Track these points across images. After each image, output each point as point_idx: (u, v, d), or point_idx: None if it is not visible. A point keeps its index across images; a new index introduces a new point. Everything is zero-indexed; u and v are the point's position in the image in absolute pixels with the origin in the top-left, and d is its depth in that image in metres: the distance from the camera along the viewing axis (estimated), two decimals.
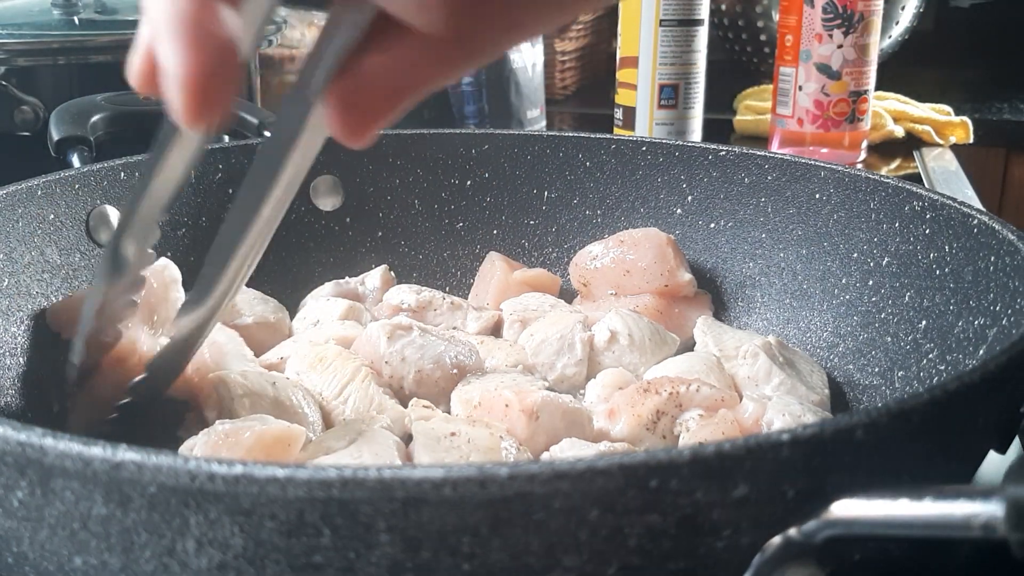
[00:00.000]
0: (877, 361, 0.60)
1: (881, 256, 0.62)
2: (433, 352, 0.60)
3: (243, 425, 0.49)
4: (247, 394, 0.54)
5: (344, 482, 0.28)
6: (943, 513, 0.29)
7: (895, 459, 0.33)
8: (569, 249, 0.78)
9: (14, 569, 0.35)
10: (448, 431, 0.51)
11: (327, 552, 0.30)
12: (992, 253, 0.52)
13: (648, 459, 0.29)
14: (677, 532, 0.30)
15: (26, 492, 0.32)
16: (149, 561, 0.31)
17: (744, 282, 0.72)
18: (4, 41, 0.89)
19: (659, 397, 0.55)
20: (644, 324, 0.65)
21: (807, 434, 0.31)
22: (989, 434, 0.40)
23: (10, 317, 0.60)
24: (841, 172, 0.66)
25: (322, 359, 0.58)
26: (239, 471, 0.29)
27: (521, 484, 0.28)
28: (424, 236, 0.79)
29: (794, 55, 1.11)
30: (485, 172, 0.79)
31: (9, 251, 0.60)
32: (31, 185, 0.62)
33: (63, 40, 0.92)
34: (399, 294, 0.70)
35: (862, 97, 1.11)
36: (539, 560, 0.30)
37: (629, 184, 0.77)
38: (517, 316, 0.68)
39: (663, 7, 1.04)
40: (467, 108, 1.14)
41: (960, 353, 0.52)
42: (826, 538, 0.31)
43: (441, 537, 0.29)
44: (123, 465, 0.29)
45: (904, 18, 1.56)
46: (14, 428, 0.31)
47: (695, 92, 1.08)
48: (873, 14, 1.08)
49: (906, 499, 0.30)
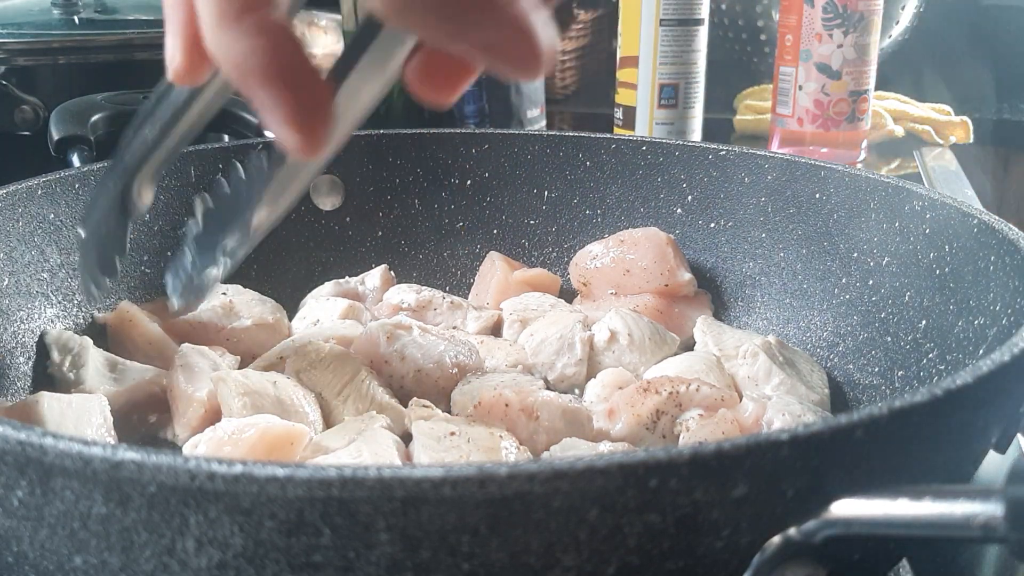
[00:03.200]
0: (877, 361, 0.60)
1: (881, 256, 0.62)
2: (433, 352, 0.60)
3: (247, 423, 0.49)
4: (247, 393, 0.54)
5: (344, 482, 0.28)
6: (943, 513, 0.29)
7: (895, 459, 0.33)
8: (569, 249, 0.78)
9: (14, 569, 0.35)
10: (448, 431, 0.51)
11: (327, 551, 0.30)
12: (992, 253, 0.52)
13: (648, 459, 0.29)
14: (676, 532, 0.30)
15: (26, 491, 0.32)
16: (149, 560, 0.31)
17: (744, 282, 0.72)
18: (4, 41, 0.90)
19: (659, 397, 0.55)
20: (644, 324, 0.65)
21: (807, 434, 0.31)
22: (989, 434, 0.40)
23: (10, 317, 0.60)
24: (841, 172, 0.66)
25: (322, 359, 0.58)
26: (239, 470, 0.29)
27: (520, 484, 0.28)
28: (424, 236, 0.79)
29: (794, 55, 1.11)
30: (485, 172, 0.79)
31: (9, 251, 0.60)
32: (31, 185, 0.62)
33: (63, 40, 0.92)
34: (399, 293, 0.70)
35: (862, 97, 1.11)
36: (538, 560, 0.30)
37: (629, 184, 0.77)
38: (517, 316, 0.68)
39: (663, 7, 1.04)
40: (467, 108, 1.14)
41: (960, 353, 0.52)
42: (826, 538, 0.31)
43: (440, 536, 0.29)
44: (123, 464, 0.29)
45: (904, 18, 1.56)
46: (14, 428, 0.31)
47: (695, 92, 1.07)
48: (873, 14, 1.08)
49: (906, 499, 0.30)
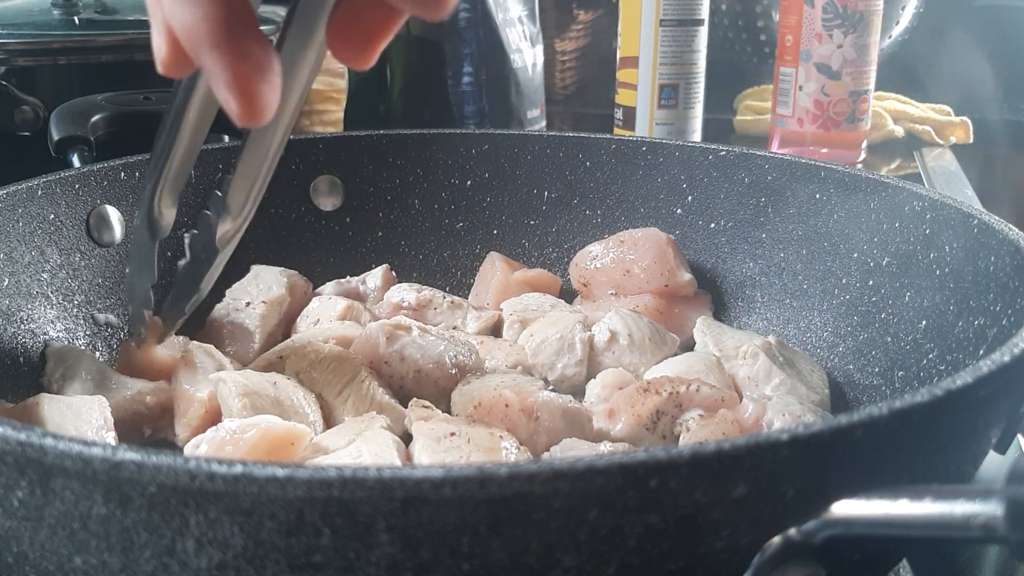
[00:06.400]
0: (877, 361, 0.60)
1: (881, 256, 0.62)
2: (433, 352, 0.60)
3: (249, 423, 0.49)
4: (247, 394, 0.54)
5: (344, 482, 0.28)
6: (943, 513, 0.29)
7: (895, 459, 0.33)
8: (569, 249, 0.78)
9: (14, 569, 0.35)
10: (448, 431, 0.51)
11: (327, 552, 0.30)
12: (992, 253, 0.52)
13: (648, 459, 0.29)
14: (676, 532, 0.30)
15: (26, 492, 0.32)
16: (149, 561, 0.31)
17: (744, 282, 0.72)
18: (4, 41, 0.89)
19: (659, 397, 0.55)
20: (644, 324, 0.65)
21: (807, 434, 0.31)
22: (989, 434, 0.40)
23: (10, 317, 0.60)
24: (841, 172, 0.66)
25: (322, 359, 0.58)
26: (239, 471, 0.29)
27: (520, 484, 0.28)
28: (424, 236, 0.79)
29: (794, 55, 1.11)
30: (485, 172, 0.79)
31: (9, 251, 0.60)
32: (31, 185, 0.62)
33: (63, 40, 0.92)
34: (399, 292, 0.70)
35: (862, 97, 1.11)
36: (538, 560, 0.30)
37: (629, 184, 0.77)
38: (517, 316, 0.68)
39: (663, 7, 1.04)
40: (467, 108, 1.14)
41: (960, 353, 0.52)
42: (826, 538, 0.31)
43: (441, 537, 0.29)
44: (123, 465, 0.29)
45: (904, 18, 1.56)
46: (14, 428, 0.31)
47: (695, 92, 1.07)
48: (873, 14, 1.08)
49: (906, 499, 0.30)
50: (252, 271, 0.71)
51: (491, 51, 1.11)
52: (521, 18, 1.16)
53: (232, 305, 0.68)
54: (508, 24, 1.13)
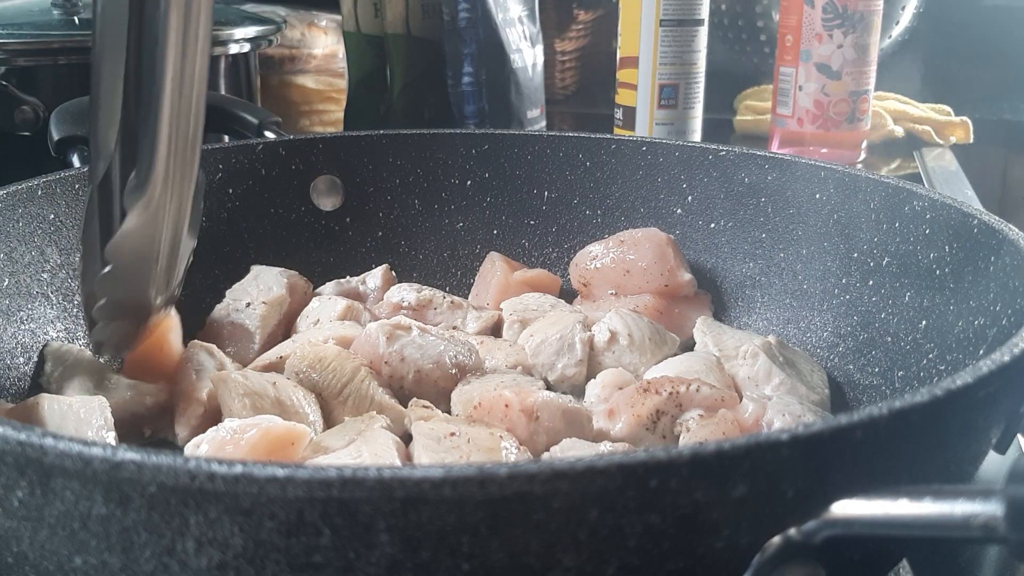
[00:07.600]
0: (877, 361, 0.60)
1: (881, 256, 0.62)
2: (433, 352, 0.60)
3: (249, 423, 0.49)
4: (247, 394, 0.54)
5: (344, 482, 0.28)
6: (943, 513, 0.29)
7: (895, 459, 0.33)
8: (569, 249, 0.78)
9: (14, 569, 0.35)
10: (448, 431, 0.51)
11: (327, 552, 0.30)
12: (992, 253, 0.52)
13: (648, 459, 0.29)
14: (676, 532, 0.30)
15: (26, 492, 0.32)
16: (149, 561, 0.31)
17: (744, 282, 0.72)
18: (4, 41, 0.89)
19: (659, 397, 0.55)
20: (644, 324, 0.65)
21: (807, 434, 0.31)
22: (989, 434, 0.40)
23: (10, 317, 0.60)
24: (841, 172, 0.66)
25: (322, 359, 0.58)
26: (239, 471, 0.29)
27: (520, 484, 0.28)
28: (424, 236, 0.79)
29: (794, 55, 1.11)
30: (485, 172, 0.79)
31: (9, 251, 0.60)
32: (31, 185, 0.62)
33: (63, 40, 0.92)
34: (399, 292, 0.70)
35: (862, 97, 1.11)
36: (539, 560, 0.30)
37: (629, 184, 0.77)
38: (517, 316, 0.68)
39: (663, 7, 1.04)
40: (467, 108, 1.14)
41: (960, 353, 0.52)
42: (826, 538, 0.31)
43: (441, 537, 0.29)
44: (123, 465, 0.29)
45: (904, 18, 1.56)
46: (14, 428, 0.31)
47: (695, 92, 1.08)
48: (873, 14, 1.08)
49: (906, 499, 0.30)
50: (252, 271, 0.71)
51: (491, 51, 1.11)
52: (521, 18, 1.16)
53: (232, 306, 0.68)
54: (508, 24, 1.13)
